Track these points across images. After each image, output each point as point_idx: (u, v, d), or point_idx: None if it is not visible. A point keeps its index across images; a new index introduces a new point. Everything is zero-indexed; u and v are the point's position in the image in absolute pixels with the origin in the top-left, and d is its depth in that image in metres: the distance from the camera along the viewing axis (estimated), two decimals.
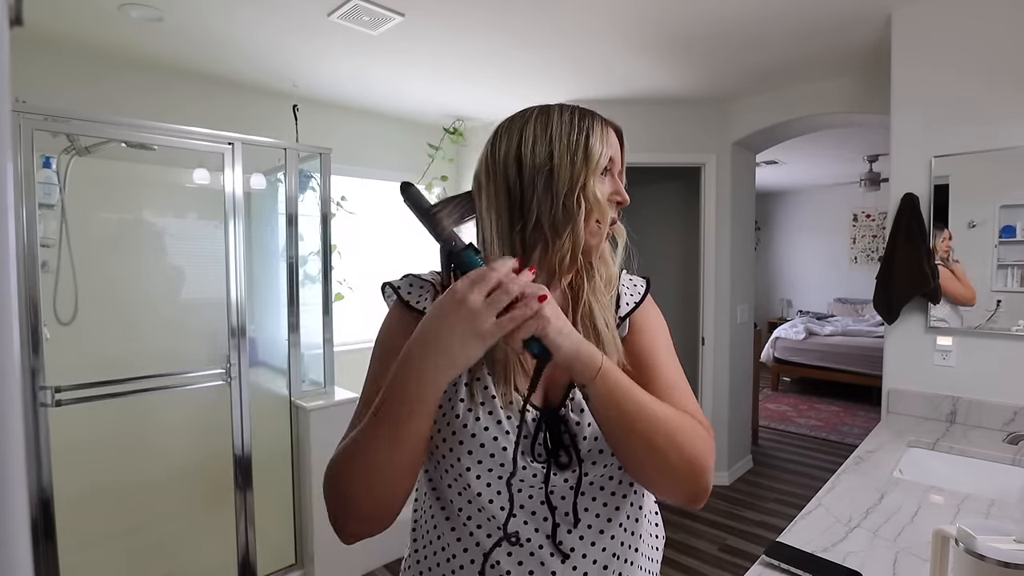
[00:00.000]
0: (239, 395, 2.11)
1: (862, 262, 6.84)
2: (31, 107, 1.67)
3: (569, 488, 0.67)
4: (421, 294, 0.72)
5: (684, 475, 0.63)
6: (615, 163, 0.72)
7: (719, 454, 3.45)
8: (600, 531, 0.68)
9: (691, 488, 0.65)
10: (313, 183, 2.52)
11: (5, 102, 0.23)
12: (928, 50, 1.97)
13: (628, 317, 0.76)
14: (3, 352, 0.21)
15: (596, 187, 0.67)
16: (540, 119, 0.70)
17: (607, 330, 0.70)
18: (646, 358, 0.73)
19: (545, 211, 0.67)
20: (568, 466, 0.67)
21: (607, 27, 2.26)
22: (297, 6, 2.08)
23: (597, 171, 0.68)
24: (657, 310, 0.81)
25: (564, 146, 0.67)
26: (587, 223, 0.67)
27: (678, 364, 0.75)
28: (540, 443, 0.66)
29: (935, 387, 1.93)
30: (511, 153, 0.69)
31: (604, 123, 0.72)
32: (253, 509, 2.17)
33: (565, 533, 0.67)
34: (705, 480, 0.65)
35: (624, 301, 0.77)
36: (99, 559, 2.16)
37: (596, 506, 0.69)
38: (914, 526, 1.14)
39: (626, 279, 0.80)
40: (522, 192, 0.68)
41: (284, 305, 2.36)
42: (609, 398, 0.60)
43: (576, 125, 0.69)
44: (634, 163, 3.36)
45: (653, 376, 0.71)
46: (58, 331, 2.10)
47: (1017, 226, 1.82)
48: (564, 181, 0.66)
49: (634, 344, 0.74)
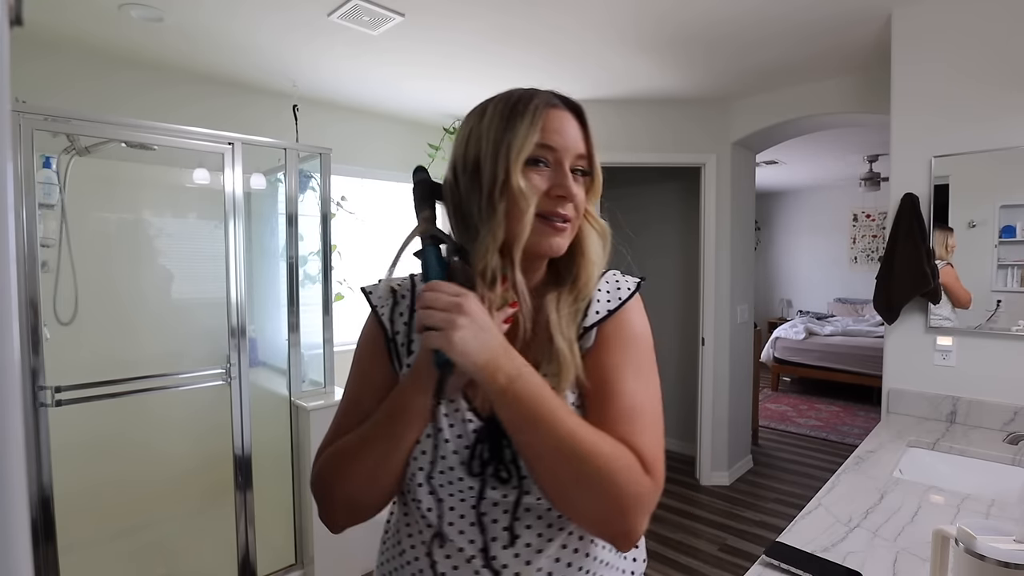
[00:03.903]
0: (239, 395, 2.11)
1: (862, 262, 6.84)
2: (31, 107, 1.67)
3: (508, 503, 0.64)
4: (383, 299, 0.73)
5: (600, 515, 0.58)
6: (562, 151, 0.63)
7: (719, 454, 3.46)
8: (539, 551, 0.64)
9: (609, 529, 0.59)
10: (313, 183, 2.52)
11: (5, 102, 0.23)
12: (928, 50, 1.97)
13: (596, 326, 0.67)
14: (3, 352, 0.21)
15: (519, 179, 0.61)
16: (476, 114, 0.66)
17: (564, 344, 0.63)
18: (605, 376, 0.64)
19: (474, 211, 0.64)
20: (508, 482, 0.63)
21: (607, 27, 2.26)
22: (297, 6, 2.07)
23: (519, 161, 0.61)
24: (640, 318, 0.70)
25: (489, 141, 0.63)
26: (510, 218, 0.62)
27: (649, 385, 0.66)
28: (477, 456, 0.63)
29: (935, 387, 1.93)
30: (453, 155, 0.68)
31: (547, 105, 0.64)
32: (253, 509, 2.17)
33: (500, 548, 0.64)
34: (627, 522, 0.58)
35: (595, 309, 0.68)
36: (99, 559, 2.16)
37: (540, 525, 0.64)
38: (914, 526, 1.14)
39: (610, 280, 0.71)
40: (460, 195, 0.66)
41: (284, 305, 2.36)
42: (513, 420, 0.57)
43: (505, 114, 0.63)
44: (634, 163, 3.36)
45: (608, 398, 0.63)
46: (58, 331, 2.10)
47: (1017, 226, 1.82)
48: (488, 177, 0.62)
49: (596, 359, 0.65)
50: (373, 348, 0.71)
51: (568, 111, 0.66)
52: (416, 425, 0.63)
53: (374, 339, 0.72)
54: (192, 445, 2.45)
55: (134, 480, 2.34)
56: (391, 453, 0.64)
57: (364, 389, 0.71)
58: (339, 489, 0.66)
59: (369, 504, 0.67)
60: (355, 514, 0.68)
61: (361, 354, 0.73)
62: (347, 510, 0.68)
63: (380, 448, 0.64)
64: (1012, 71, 1.79)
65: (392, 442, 0.64)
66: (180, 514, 2.42)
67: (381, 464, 0.64)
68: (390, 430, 0.64)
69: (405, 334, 0.70)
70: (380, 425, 0.64)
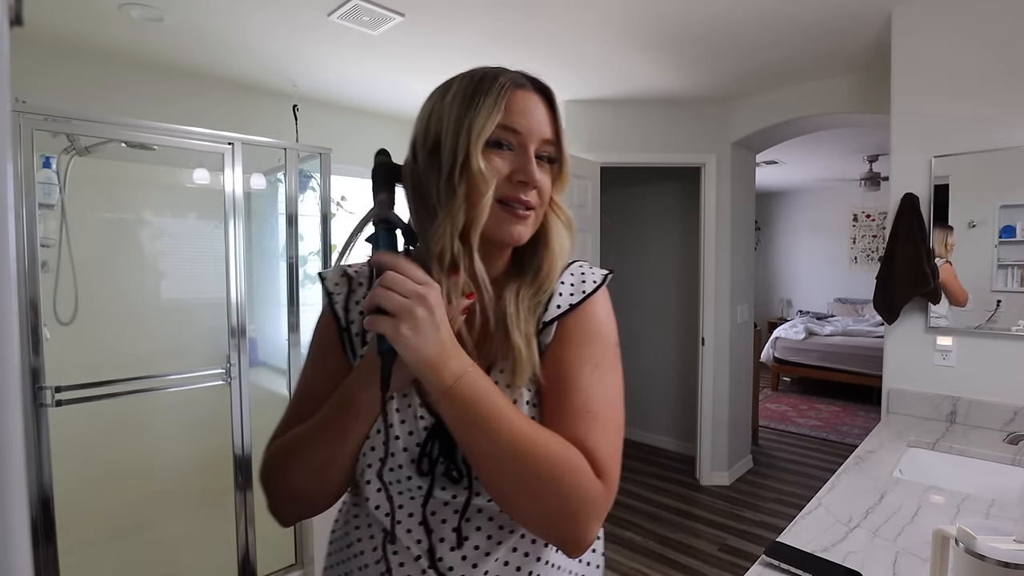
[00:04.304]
0: (239, 395, 2.11)
1: (862, 262, 6.84)
2: (31, 107, 1.66)
3: (458, 504, 0.61)
4: (338, 286, 0.70)
5: (546, 520, 0.56)
6: (527, 135, 0.61)
7: (719, 454, 3.46)
8: (487, 553, 0.61)
9: (557, 533, 0.57)
10: (313, 183, 2.52)
11: (5, 102, 0.23)
12: (928, 50, 1.97)
13: (556, 321, 0.64)
14: (3, 352, 0.21)
15: (479, 160, 0.58)
16: (438, 92, 0.63)
17: (520, 339, 0.61)
18: (563, 372, 0.61)
19: (433, 192, 0.60)
20: (459, 482, 0.61)
21: (607, 27, 2.26)
22: (297, 6, 2.07)
23: (479, 142, 0.58)
24: (604, 313, 0.67)
25: (450, 119, 0.59)
26: (469, 202, 0.59)
27: (607, 384, 0.62)
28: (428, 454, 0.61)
29: (935, 387, 1.93)
30: (414, 133, 0.64)
31: (513, 85, 0.61)
32: (253, 509, 2.17)
33: (447, 550, 0.61)
34: (575, 528, 0.56)
35: (556, 303, 0.65)
36: (99, 559, 2.16)
37: (490, 527, 0.62)
38: (914, 526, 1.14)
39: (575, 272, 0.68)
40: (419, 175, 0.62)
41: (284, 305, 2.36)
42: (458, 419, 0.55)
43: (469, 93, 0.60)
44: (634, 163, 3.37)
45: (564, 396, 0.60)
46: (58, 331, 2.10)
47: (1017, 226, 1.82)
48: (448, 157, 0.59)
49: (554, 355, 0.63)
50: (327, 336, 0.69)
51: (536, 93, 0.63)
52: (364, 419, 0.60)
53: (329, 327, 0.69)
54: (192, 445, 2.45)
55: (134, 480, 2.34)
56: (338, 448, 0.61)
57: (318, 379, 0.68)
58: (285, 483, 0.64)
59: (315, 500, 0.65)
60: (301, 509, 0.66)
61: (315, 341, 0.71)
62: (292, 504, 0.66)
63: (327, 442, 0.61)
64: (1012, 71, 1.79)
65: (339, 436, 0.61)
66: (180, 514, 2.42)
67: (328, 459, 0.62)
68: (337, 423, 0.61)
69: (360, 323, 0.67)
70: (328, 418, 0.62)
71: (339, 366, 0.67)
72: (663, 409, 4.16)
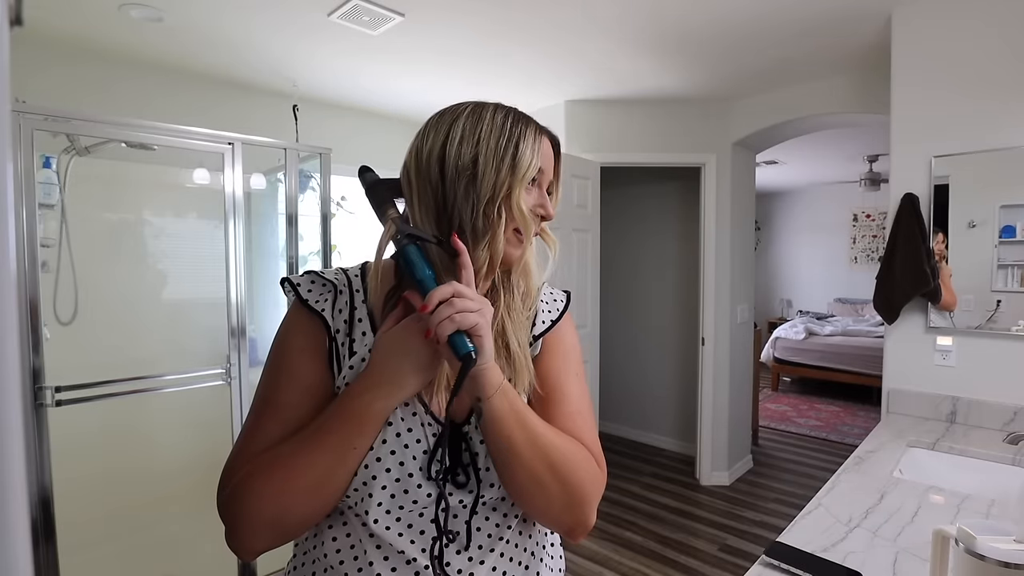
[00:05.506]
0: (239, 395, 2.11)
1: (862, 262, 6.84)
2: (31, 107, 1.66)
3: (463, 508, 0.64)
4: (322, 294, 0.69)
5: (563, 505, 0.63)
6: (545, 175, 0.69)
7: (719, 454, 3.46)
8: (491, 550, 0.66)
9: (569, 519, 0.65)
10: (313, 183, 2.52)
11: (5, 102, 0.23)
12: (928, 50, 1.97)
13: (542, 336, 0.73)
14: (3, 352, 0.21)
15: (521, 198, 0.64)
16: (471, 117, 0.65)
17: (519, 350, 0.67)
18: (554, 381, 0.71)
19: (467, 218, 0.63)
20: (465, 486, 0.64)
21: (607, 28, 2.26)
22: (297, 6, 2.08)
23: (524, 181, 0.64)
24: (572, 328, 0.78)
25: (491, 150, 0.63)
26: (507, 234, 0.65)
27: (586, 389, 0.74)
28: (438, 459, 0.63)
29: (935, 387, 1.93)
30: (435, 150, 0.65)
31: (539, 131, 0.68)
32: None
33: (454, 554, 0.64)
34: (584, 513, 0.65)
35: (541, 319, 0.74)
36: (99, 559, 2.16)
37: (488, 526, 0.66)
38: (914, 526, 1.14)
39: (547, 294, 0.77)
40: (444, 194, 0.64)
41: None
42: (504, 420, 0.60)
43: (507, 130, 0.64)
44: (634, 163, 3.37)
45: (559, 401, 0.70)
46: (58, 331, 2.10)
47: (1017, 226, 1.82)
48: (487, 188, 0.63)
49: (544, 365, 0.72)
50: (306, 345, 0.66)
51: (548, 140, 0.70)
52: (373, 431, 0.60)
53: (309, 336, 0.66)
54: (192, 445, 2.45)
55: (134, 480, 2.34)
56: (341, 463, 0.59)
57: (291, 391, 0.64)
58: (269, 506, 0.59)
59: (302, 521, 0.62)
60: (277, 536, 0.62)
61: (287, 350, 0.67)
62: (273, 530, 0.61)
63: (329, 458, 0.59)
64: (1012, 71, 1.79)
65: (342, 451, 0.59)
66: (180, 514, 2.41)
67: (328, 476, 0.59)
68: (343, 437, 0.59)
69: (345, 332, 0.67)
70: (328, 432, 0.59)
71: (318, 377, 0.65)
72: (663, 409, 4.16)
